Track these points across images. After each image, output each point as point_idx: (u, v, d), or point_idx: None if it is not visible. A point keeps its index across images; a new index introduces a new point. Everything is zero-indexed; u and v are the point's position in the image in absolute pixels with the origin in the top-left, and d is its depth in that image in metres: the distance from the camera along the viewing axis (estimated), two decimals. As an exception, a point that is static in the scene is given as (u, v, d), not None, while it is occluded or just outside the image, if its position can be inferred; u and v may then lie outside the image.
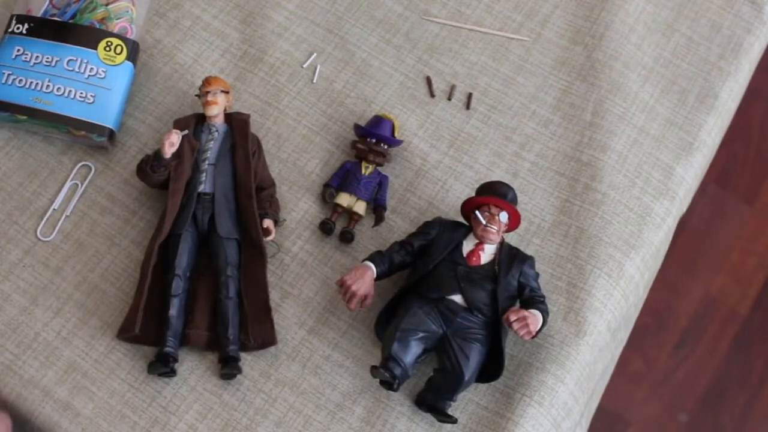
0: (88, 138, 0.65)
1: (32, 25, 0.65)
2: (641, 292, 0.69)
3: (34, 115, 0.64)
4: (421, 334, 0.57)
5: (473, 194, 0.66)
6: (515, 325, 0.56)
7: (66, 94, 0.64)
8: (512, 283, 0.58)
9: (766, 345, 1.46)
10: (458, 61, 0.71)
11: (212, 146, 0.62)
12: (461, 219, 0.64)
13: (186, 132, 0.61)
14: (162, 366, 0.58)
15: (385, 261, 0.60)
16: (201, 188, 0.61)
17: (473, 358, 0.57)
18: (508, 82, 0.71)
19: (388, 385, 0.58)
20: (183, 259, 0.60)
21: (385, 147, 0.65)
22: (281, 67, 0.70)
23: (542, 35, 0.73)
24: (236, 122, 0.63)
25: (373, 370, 0.57)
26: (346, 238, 0.64)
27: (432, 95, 0.70)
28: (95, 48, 0.65)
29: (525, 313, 0.56)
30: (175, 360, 0.59)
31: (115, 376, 0.60)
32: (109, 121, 0.64)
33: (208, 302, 0.61)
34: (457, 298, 0.58)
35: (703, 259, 1.50)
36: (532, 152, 0.69)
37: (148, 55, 0.69)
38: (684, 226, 0.76)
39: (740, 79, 0.74)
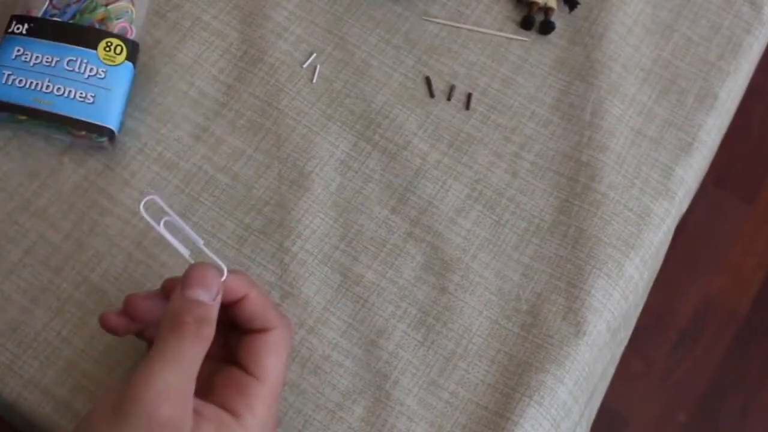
0: (88, 138, 0.65)
1: (32, 25, 0.65)
2: (641, 291, 0.69)
3: (34, 115, 0.64)
4: None
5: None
6: None
7: (66, 95, 0.64)
8: None
9: (765, 345, 1.46)
10: (458, 62, 0.71)
11: None
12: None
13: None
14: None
15: None
16: None
17: None
18: (508, 82, 0.71)
19: None
20: None
21: None
22: (281, 67, 0.70)
23: (542, 35, 0.73)
24: None
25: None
26: (548, 27, 0.72)
27: (431, 95, 0.70)
28: (95, 48, 0.65)
29: None
30: None
31: (115, 376, 0.60)
32: (109, 121, 0.64)
33: None
34: None
35: (702, 259, 1.50)
36: (531, 152, 0.69)
37: (148, 56, 0.70)
38: (684, 226, 0.76)
39: (740, 79, 0.74)
